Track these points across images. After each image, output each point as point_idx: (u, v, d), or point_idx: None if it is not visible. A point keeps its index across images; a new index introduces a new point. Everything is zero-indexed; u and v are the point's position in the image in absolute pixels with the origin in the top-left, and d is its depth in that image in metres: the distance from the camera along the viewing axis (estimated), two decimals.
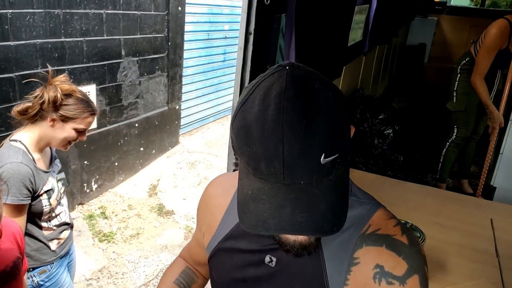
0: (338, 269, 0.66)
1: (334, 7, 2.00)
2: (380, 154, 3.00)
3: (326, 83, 0.55)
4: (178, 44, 4.14)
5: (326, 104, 0.52)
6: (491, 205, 2.20)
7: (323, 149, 0.51)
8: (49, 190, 1.45)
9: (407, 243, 0.66)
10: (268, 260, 0.72)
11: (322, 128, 0.51)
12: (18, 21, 2.51)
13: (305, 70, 0.56)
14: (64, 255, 1.61)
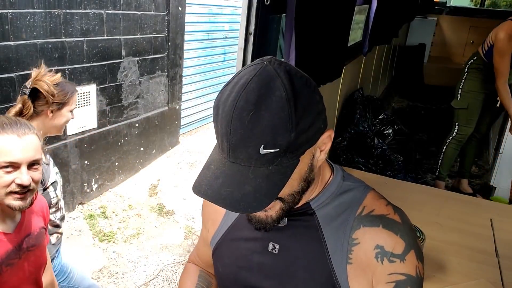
0: (339, 249, 0.70)
1: (334, 8, 2.00)
2: (380, 154, 3.00)
3: (290, 84, 0.57)
4: (178, 44, 4.15)
5: (277, 102, 0.56)
6: (491, 205, 2.21)
7: (263, 141, 0.56)
8: (54, 182, 1.49)
9: (400, 222, 0.71)
10: (272, 247, 0.75)
11: (265, 122, 0.55)
12: (19, 21, 2.51)
13: (278, 67, 0.59)
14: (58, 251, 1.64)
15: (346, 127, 2.98)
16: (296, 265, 0.73)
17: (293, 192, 0.65)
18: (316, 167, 0.66)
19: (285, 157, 0.58)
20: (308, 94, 0.59)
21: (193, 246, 2.97)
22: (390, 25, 3.87)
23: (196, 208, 3.45)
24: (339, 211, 0.72)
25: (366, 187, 0.75)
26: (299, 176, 0.64)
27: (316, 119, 0.60)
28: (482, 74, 2.99)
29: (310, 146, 0.61)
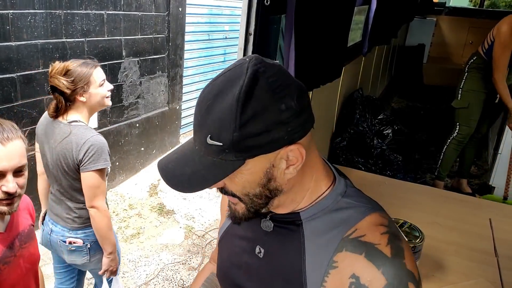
0: (317, 268, 0.66)
1: (334, 8, 2.01)
2: (379, 154, 3.01)
3: (248, 86, 0.57)
4: (178, 45, 4.16)
5: (230, 99, 0.57)
6: (490, 204, 2.21)
7: (210, 131, 0.58)
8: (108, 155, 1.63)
9: (389, 256, 0.61)
10: (258, 250, 0.74)
11: (215, 115, 0.57)
12: (20, 21, 2.52)
13: (251, 67, 0.58)
14: None
15: (346, 127, 2.99)
16: (274, 273, 0.71)
17: (248, 194, 0.64)
18: (281, 178, 0.63)
19: (230, 154, 0.58)
20: (267, 101, 0.57)
21: (193, 246, 2.97)
22: (389, 25, 3.87)
23: (196, 208, 3.45)
24: (328, 228, 0.66)
25: (371, 209, 0.67)
26: (253, 180, 0.62)
27: (273, 128, 0.57)
28: (482, 73, 3.00)
29: (263, 153, 0.59)
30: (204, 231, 3.15)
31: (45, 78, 2.77)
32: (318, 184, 0.69)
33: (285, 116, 0.58)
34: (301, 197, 0.68)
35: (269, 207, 0.67)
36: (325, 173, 0.70)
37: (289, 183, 0.64)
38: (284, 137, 0.58)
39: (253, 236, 0.74)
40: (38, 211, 1.72)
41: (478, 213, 1.93)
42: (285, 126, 0.58)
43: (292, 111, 0.58)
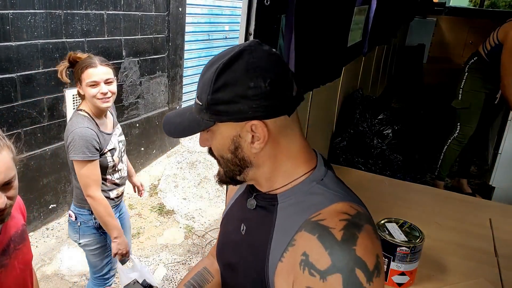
0: (279, 245, 0.71)
1: (334, 8, 2.01)
2: (379, 154, 3.00)
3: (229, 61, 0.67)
4: (178, 45, 4.16)
5: (212, 71, 0.68)
6: (490, 204, 2.21)
7: (198, 92, 0.71)
8: (112, 149, 1.75)
9: (339, 239, 0.64)
10: (242, 228, 0.81)
11: (204, 79, 0.69)
12: (19, 21, 2.52)
13: (246, 47, 0.68)
14: (117, 206, 1.90)
15: (346, 127, 2.99)
16: (249, 248, 0.77)
17: (222, 156, 0.73)
18: (248, 150, 0.70)
19: (205, 114, 0.69)
20: (239, 76, 0.66)
21: (193, 246, 2.97)
22: (389, 25, 3.87)
23: (196, 208, 3.45)
24: (297, 211, 0.71)
25: (339, 198, 0.71)
26: (223, 143, 0.72)
27: (239, 101, 0.66)
28: (482, 73, 2.99)
29: (230, 120, 0.68)
30: (204, 231, 3.15)
31: (45, 78, 2.77)
32: (295, 169, 0.74)
33: (251, 93, 0.66)
34: (276, 177, 0.74)
35: (244, 176, 0.74)
36: (305, 159, 0.75)
37: (258, 158, 0.71)
38: (248, 111, 0.66)
39: (241, 215, 0.82)
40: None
41: (478, 213, 1.93)
42: (250, 102, 0.66)
43: (259, 91, 0.66)
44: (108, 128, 1.78)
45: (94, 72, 1.64)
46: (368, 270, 0.62)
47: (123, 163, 1.89)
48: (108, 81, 1.68)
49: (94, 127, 1.68)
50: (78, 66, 1.66)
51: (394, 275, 1.38)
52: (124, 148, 1.90)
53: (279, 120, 0.69)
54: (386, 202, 1.94)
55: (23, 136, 2.70)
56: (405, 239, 1.36)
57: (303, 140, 0.75)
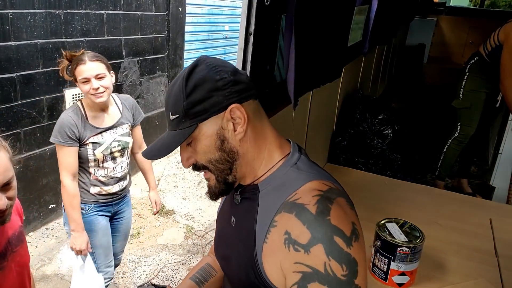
0: (262, 228, 0.76)
1: (334, 8, 2.01)
2: (380, 154, 3.00)
3: (190, 68, 0.75)
4: (178, 45, 4.15)
5: (179, 81, 0.75)
6: (490, 205, 2.21)
7: (170, 108, 0.76)
8: (96, 143, 1.74)
9: (314, 213, 0.69)
10: (232, 220, 0.86)
11: (172, 96, 0.76)
12: (19, 21, 2.52)
13: (193, 62, 0.77)
14: (106, 206, 1.89)
15: (346, 127, 2.99)
16: (240, 238, 0.82)
17: (210, 160, 0.77)
18: (233, 139, 0.75)
19: (186, 122, 0.74)
20: (205, 75, 0.74)
21: (193, 246, 2.97)
22: (389, 25, 3.87)
23: (196, 208, 3.45)
24: (275, 194, 0.76)
25: (311, 177, 0.76)
26: (209, 144, 0.76)
27: (212, 94, 0.73)
28: (483, 74, 2.99)
29: (210, 116, 0.74)
30: (204, 231, 3.14)
31: (44, 78, 2.76)
32: (271, 155, 0.80)
33: (221, 83, 0.73)
34: (258, 165, 0.79)
35: (234, 174, 0.78)
36: (278, 145, 0.81)
37: (242, 146, 0.76)
38: (223, 100, 0.73)
39: (230, 209, 0.88)
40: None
41: (478, 213, 1.93)
42: (222, 92, 0.73)
43: (227, 80, 0.74)
44: (102, 123, 1.78)
45: (84, 69, 1.66)
46: (346, 236, 0.67)
47: (117, 164, 1.85)
48: (99, 76, 1.68)
49: (77, 116, 1.70)
50: (72, 64, 1.70)
51: (394, 275, 1.38)
52: (122, 149, 1.86)
53: (250, 104, 0.77)
54: (386, 202, 1.94)
55: (23, 136, 2.70)
56: (406, 239, 1.36)
57: (273, 128, 0.83)
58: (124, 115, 1.87)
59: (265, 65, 1.42)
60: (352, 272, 0.66)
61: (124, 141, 1.86)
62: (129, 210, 2.08)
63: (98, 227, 1.87)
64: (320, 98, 2.18)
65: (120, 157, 1.86)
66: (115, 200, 1.93)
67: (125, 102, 1.90)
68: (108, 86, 1.72)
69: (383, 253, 1.38)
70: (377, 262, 1.42)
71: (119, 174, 1.88)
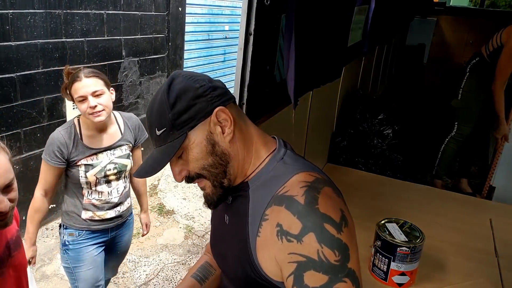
0: (254, 222, 0.78)
1: (334, 8, 2.01)
2: (380, 154, 3.00)
3: (169, 81, 0.77)
4: (178, 45, 4.15)
5: (159, 96, 0.77)
6: (490, 205, 2.21)
7: (155, 124, 0.76)
8: (89, 165, 1.61)
9: (303, 203, 0.71)
10: (226, 218, 0.88)
11: (155, 111, 0.77)
12: (19, 21, 2.52)
13: (169, 77, 0.79)
14: (101, 234, 1.74)
15: (346, 127, 2.99)
16: (233, 234, 0.84)
17: (204, 166, 0.78)
18: (223, 142, 0.77)
19: (174, 134, 0.75)
20: (185, 85, 0.76)
21: (193, 246, 2.97)
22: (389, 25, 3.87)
23: (196, 208, 3.45)
24: (265, 189, 0.78)
25: (298, 169, 0.77)
26: (200, 150, 0.77)
27: (195, 102, 0.75)
28: (483, 74, 2.99)
29: (197, 123, 0.75)
30: (204, 231, 3.14)
31: (44, 78, 2.76)
32: (258, 153, 0.82)
33: (201, 90, 0.76)
34: (248, 164, 0.81)
35: (228, 177, 0.80)
36: (264, 142, 0.83)
37: (232, 147, 0.78)
38: (207, 105, 0.75)
39: (224, 207, 0.89)
40: None
41: (478, 213, 1.93)
42: (205, 98, 0.75)
43: (207, 87, 0.76)
44: (99, 143, 1.63)
45: (79, 86, 1.53)
46: (335, 222, 0.69)
47: (112, 188, 1.70)
48: (96, 93, 1.54)
49: (69, 135, 1.58)
50: (68, 83, 1.57)
51: (394, 275, 1.38)
52: (119, 172, 1.69)
53: (232, 107, 0.79)
54: (386, 202, 1.94)
55: (23, 136, 2.70)
56: (406, 239, 1.36)
57: (256, 127, 0.85)
58: (124, 135, 1.72)
59: (265, 65, 1.42)
60: (344, 257, 0.68)
61: (121, 163, 1.69)
62: (130, 233, 1.95)
63: (85, 257, 1.71)
64: (320, 98, 2.18)
65: (116, 180, 1.71)
66: (111, 226, 1.77)
67: (127, 121, 1.75)
68: (107, 104, 1.57)
69: (383, 253, 1.38)
70: (377, 262, 1.42)
71: (114, 200, 1.72)
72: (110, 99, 1.60)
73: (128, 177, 1.80)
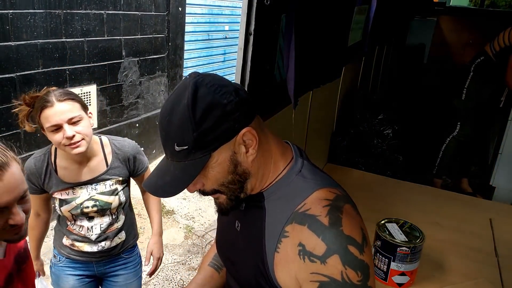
0: (272, 237, 0.76)
1: (334, 8, 2.01)
2: (380, 154, 3.00)
3: (192, 93, 0.68)
4: (178, 45, 4.15)
5: (182, 108, 0.68)
6: (490, 205, 2.21)
7: (175, 139, 0.70)
8: (62, 200, 1.39)
9: (327, 224, 0.70)
10: (237, 225, 0.87)
11: (174, 125, 0.69)
12: (19, 21, 2.52)
13: (191, 80, 0.70)
14: (83, 266, 1.52)
15: (346, 127, 2.99)
16: (246, 243, 0.83)
17: (223, 183, 0.75)
18: (246, 162, 0.74)
19: (196, 153, 0.70)
20: (211, 100, 0.68)
21: (193, 246, 2.97)
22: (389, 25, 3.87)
23: (196, 208, 3.45)
24: (283, 203, 0.77)
25: (318, 185, 0.76)
26: (222, 170, 0.73)
27: (223, 120, 0.69)
28: (488, 74, 2.96)
29: (222, 143, 0.70)
30: (204, 231, 3.14)
31: (44, 78, 2.76)
32: (276, 165, 0.80)
33: (229, 108, 0.69)
34: (266, 176, 0.79)
35: (245, 191, 0.77)
36: (281, 153, 0.81)
37: (253, 165, 0.76)
38: (235, 125, 0.70)
39: (234, 214, 0.86)
40: None
41: (478, 213, 1.93)
42: (232, 116, 0.70)
43: (234, 102, 0.70)
44: (75, 177, 1.39)
45: (50, 113, 1.26)
46: (358, 244, 0.70)
47: (93, 224, 1.45)
48: (73, 120, 1.27)
49: (42, 164, 1.38)
50: (34, 109, 1.30)
51: (394, 275, 1.38)
52: (101, 210, 1.43)
53: (256, 121, 0.75)
54: (386, 202, 1.94)
55: (23, 136, 2.70)
56: (406, 239, 1.36)
57: (274, 135, 0.82)
58: (111, 169, 1.44)
59: (265, 65, 1.42)
60: (365, 276, 0.70)
61: (103, 201, 1.42)
62: (128, 275, 1.60)
63: (65, 286, 1.53)
64: (320, 98, 2.18)
65: (99, 217, 1.45)
66: (94, 261, 1.52)
67: (118, 151, 1.46)
68: (87, 132, 1.31)
69: (383, 253, 1.38)
70: (377, 262, 1.42)
71: (94, 236, 1.46)
72: (90, 125, 1.34)
73: (121, 211, 1.53)
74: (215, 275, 1.03)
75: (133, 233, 1.61)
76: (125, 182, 1.50)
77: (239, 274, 0.88)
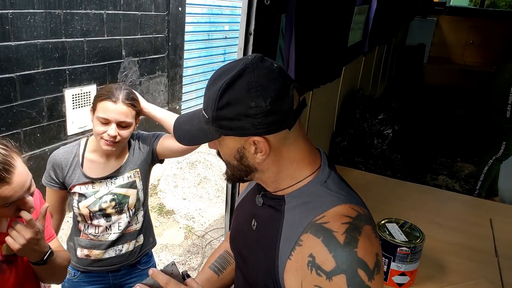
0: (287, 243, 0.76)
1: (334, 8, 2.01)
2: (380, 154, 3.00)
3: (232, 79, 0.70)
4: (178, 45, 4.15)
5: (219, 85, 0.70)
6: (491, 205, 2.21)
7: (204, 105, 0.74)
8: (81, 195, 1.39)
9: (342, 243, 0.68)
10: (253, 223, 0.86)
11: (210, 94, 0.72)
12: (19, 21, 2.52)
13: (251, 63, 0.72)
14: (99, 279, 1.49)
15: (346, 127, 2.99)
16: (260, 243, 0.82)
17: (229, 162, 0.77)
18: (252, 160, 0.74)
19: (211, 127, 0.73)
20: (241, 95, 0.69)
21: (193, 246, 2.97)
22: (390, 25, 3.87)
23: (196, 208, 3.45)
24: (302, 211, 0.76)
25: (341, 200, 0.74)
26: (229, 153, 0.76)
27: (241, 118, 0.69)
28: None
29: (233, 134, 0.72)
30: (204, 231, 3.14)
31: (44, 78, 2.76)
32: (299, 171, 0.78)
33: (253, 112, 0.68)
34: (281, 179, 0.78)
35: (250, 177, 0.79)
36: (309, 162, 0.79)
37: (262, 166, 0.76)
38: (251, 128, 0.70)
39: (252, 209, 0.87)
40: None
41: (479, 213, 1.93)
42: (252, 120, 0.69)
43: (260, 110, 0.68)
44: (97, 172, 1.41)
45: (109, 108, 1.31)
46: (369, 269, 0.68)
47: (111, 222, 1.43)
48: (123, 124, 1.33)
49: (69, 155, 1.40)
50: (99, 93, 1.36)
51: (394, 276, 1.38)
52: (119, 204, 1.42)
53: (280, 134, 0.72)
54: (386, 202, 1.94)
55: (23, 136, 2.70)
56: (406, 239, 1.36)
57: (306, 144, 0.80)
58: (129, 160, 1.46)
59: None
60: None
61: (121, 194, 1.42)
62: None
63: None
64: (320, 98, 2.18)
65: (117, 214, 1.43)
66: (110, 269, 1.49)
67: (141, 143, 1.51)
68: (127, 137, 1.38)
69: (383, 253, 1.38)
70: None
71: (112, 237, 1.44)
72: (132, 130, 1.39)
73: (140, 211, 1.50)
74: (213, 278, 1.03)
75: (151, 238, 1.60)
76: (144, 173, 1.49)
77: (248, 271, 0.88)
